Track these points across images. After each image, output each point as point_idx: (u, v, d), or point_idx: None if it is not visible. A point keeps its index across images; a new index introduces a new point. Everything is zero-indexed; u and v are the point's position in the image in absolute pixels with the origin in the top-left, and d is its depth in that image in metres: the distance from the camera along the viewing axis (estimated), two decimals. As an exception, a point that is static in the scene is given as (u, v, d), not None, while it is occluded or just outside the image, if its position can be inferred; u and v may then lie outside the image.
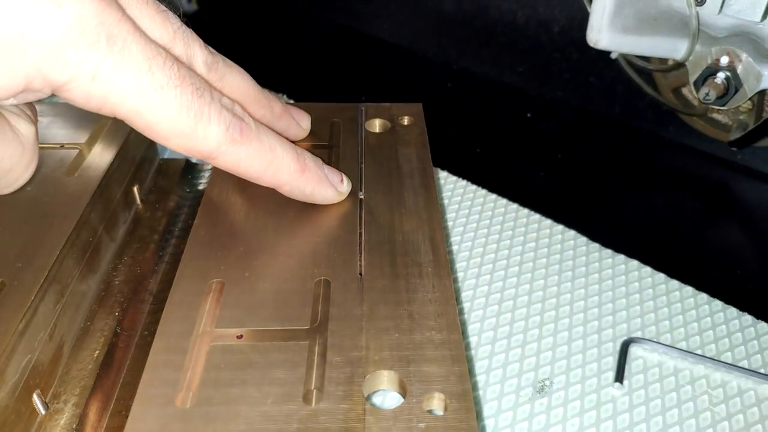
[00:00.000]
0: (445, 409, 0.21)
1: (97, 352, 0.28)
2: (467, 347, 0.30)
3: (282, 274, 0.26)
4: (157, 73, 0.22)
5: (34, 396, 0.25)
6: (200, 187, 0.38)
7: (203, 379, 0.22)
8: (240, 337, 0.23)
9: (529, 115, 0.54)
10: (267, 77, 0.53)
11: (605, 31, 0.38)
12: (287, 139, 0.28)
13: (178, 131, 0.23)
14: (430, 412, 0.21)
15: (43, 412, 0.25)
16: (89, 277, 0.30)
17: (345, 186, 0.29)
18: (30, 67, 0.19)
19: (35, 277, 0.26)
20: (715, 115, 0.44)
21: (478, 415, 0.27)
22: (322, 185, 0.28)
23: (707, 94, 0.38)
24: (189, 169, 0.40)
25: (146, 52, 0.21)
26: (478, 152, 0.50)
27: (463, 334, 0.31)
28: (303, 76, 0.60)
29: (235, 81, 0.28)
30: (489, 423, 0.27)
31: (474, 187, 0.42)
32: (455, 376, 0.22)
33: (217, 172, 0.32)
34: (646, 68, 0.43)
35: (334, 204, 0.30)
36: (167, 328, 0.24)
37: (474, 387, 0.28)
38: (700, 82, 0.39)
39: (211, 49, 0.27)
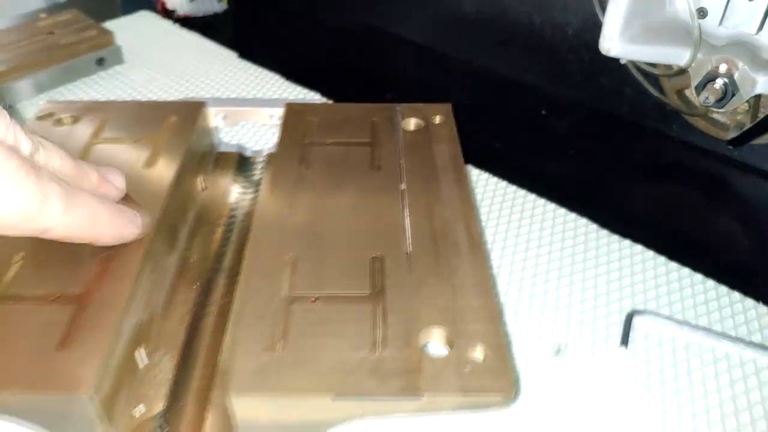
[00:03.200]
0: (485, 358, 0.26)
1: (183, 316, 0.33)
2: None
3: (342, 252, 0.31)
4: (6, 166, 0.25)
5: (140, 351, 0.30)
6: (254, 177, 0.43)
7: (290, 332, 0.27)
8: (314, 300, 0.28)
9: (543, 112, 0.59)
10: (297, 73, 0.58)
11: (616, 41, 0.42)
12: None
13: (23, 216, 0.26)
14: (472, 359, 0.26)
15: (146, 362, 0.30)
16: (171, 254, 0.35)
17: (140, 222, 0.31)
18: None
19: (136, 253, 0.31)
20: (715, 116, 0.49)
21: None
22: (130, 226, 0.31)
23: (707, 98, 0.42)
24: (242, 161, 0.44)
25: None
26: (497, 147, 0.55)
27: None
28: (330, 73, 0.64)
29: (57, 161, 0.30)
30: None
31: (495, 179, 0.46)
32: (492, 332, 0.27)
33: (271, 164, 0.37)
34: (653, 73, 0.47)
35: (380, 193, 0.35)
36: (255, 293, 0.29)
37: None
38: (700, 87, 0.43)
39: (33, 136, 0.28)
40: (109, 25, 0.63)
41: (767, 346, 0.35)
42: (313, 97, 0.55)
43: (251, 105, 0.44)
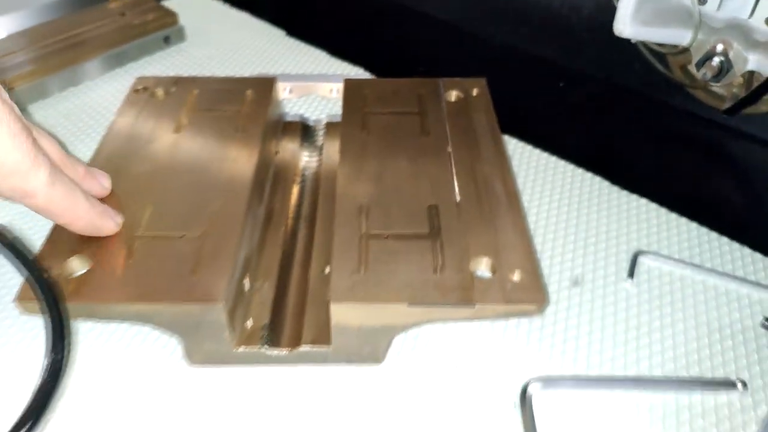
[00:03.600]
0: (521, 279, 0.34)
1: (275, 252, 0.41)
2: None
3: (405, 201, 0.39)
4: (11, 124, 0.30)
5: (246, 278, 0.38)
6: (317, 143, 0.51)
7: (370, 260, 0.35)
8: (386, 237, 0.36)
9: (561, 84, 0.66)
10: (341, 50, 0.65)
11: (629, 24, 0.49)
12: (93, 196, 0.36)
13: (14, 170, 0.31)
14: (512, 280, 0.34)
15: (250, 287, 0.38)
16: (260, 205, 0.43)
17: (119, 219, 0.36)
18: None
19: (240, 203, 0.38)
20: (714, 88, 0.56)
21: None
22: (107, 220, 0.36)
23: (705, 74, 0.50)
24: (305, 129, 0.52)
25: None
26: (520, 115, 0.62)
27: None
28: (370, 49, 0.71)
29: (48, 147, 0.34)
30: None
31: (522, 143, 0.54)
32: (527, 261, 0.35)
33: (338, 130, 0.45)
34: (659, 51, 0.54)
35: (431, 154, 0.42)
36: (341, 232, 0.36)
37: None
38: (700, 64, 0.50)
39: (28, 122, 0.33)
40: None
41: (748, 279, 0.42)
42: (357, 72, 0.63)
43: (314, 80, 0.51)
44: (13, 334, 0.38)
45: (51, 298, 0.30)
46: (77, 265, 0.34)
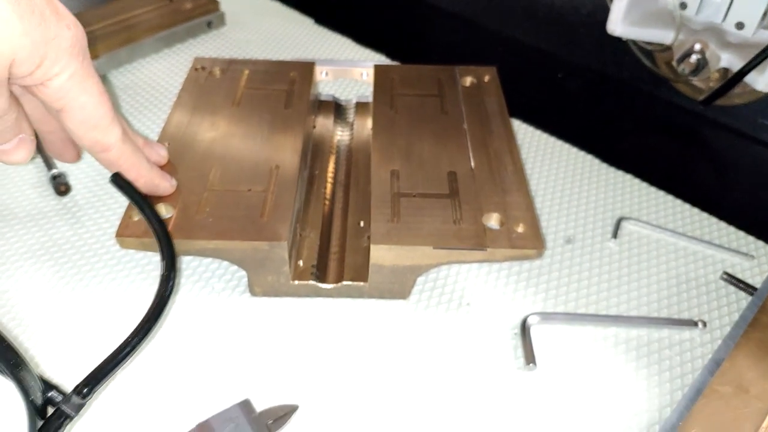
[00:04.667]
0: (524, 231, 0.42)
1: (317, 208, 0.49)
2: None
3: (428, 167, 0.46)
4: (98, 84, 0.35)
5: (297, 226, 0.46)
6: (349, 120, 0.59)
7: (401, 213, 0.43)
8: (414, 195, 0.44)
9: (559, 75, 0.74)
10: (365, 37, 0.72)
11: (620, 24, 0.57)
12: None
13: (97, 124, 0.36)
14: (517, 231, 0.42)
15: (300, 234, 0.46)
16: (305, 170, 0.50)
17: (174, 182, 0.43)
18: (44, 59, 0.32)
19: (294, 165, 0.46)
20: (695, 82, 0.64)
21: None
22: (164, 181, 0.42)
23: (684, 69, 0.58)
24: (338, 107, 0.60)
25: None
26: (523, 101, 0.70)
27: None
28: (390, 37, 0.78)
29: None
30: (539, 255, 0.48)
31: (525, 124, 0.62)
32: (529, 217, 0.43)
33: (371, 109, 0.52)
34: (647, 48, 0.62)
35: (449, 130, 0.50)
36: (377, 190, 0.44)
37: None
38: (680, 60, 0.58)
39: None
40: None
41: (713, 242, 0.51)
42: (380, 58, 0.70)
43: (348, 65, 0.59)
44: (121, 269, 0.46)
45: (165, 233, 0.38)
46: (163, 210, 0.42)
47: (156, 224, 0.38)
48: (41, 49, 0.32)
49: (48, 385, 0.33)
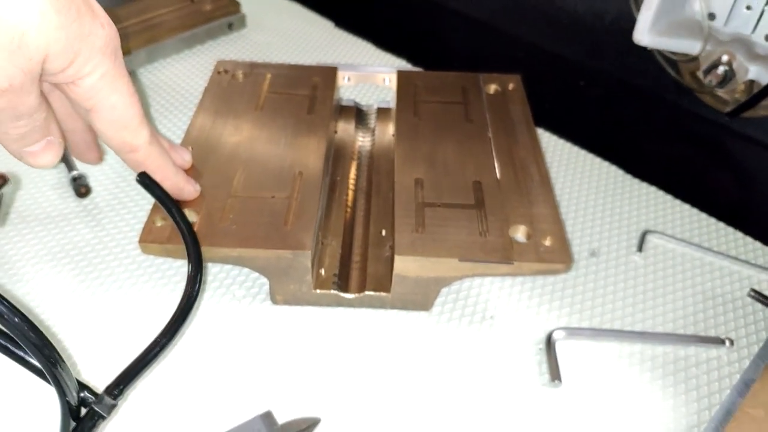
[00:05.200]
0: (552, 244, 0.41)
1: (339, 216, 0.49)
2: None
3: (453, 176, 0.46)
4: (129, 84, 0.35)
5: (319, 234, 0.45)
6: (370, 125, 0.58)
7: (426, 224, 0.42)
8: (439, 205, 0.44)
9: (582, 83, 0.73)
10: (378, 41, 0.72)
11: (647, 34, 0.56)
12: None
13: (126, 125, 0.36)
14: (545, 245, 0.41)
15: (322, 243, 0.46)
16: (327, 176, 0.50)
17: (198, 187, 0.42)
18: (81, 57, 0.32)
19: (317, 171, 0.46)
20: (719, 93, 0.63)
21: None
22: (189, 185, 0.42)
23: (711, 80, 0.57)
24: (360, 113, 0.59)
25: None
26: (545, 107, 0.69)
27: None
28: (410, 42, 0.78)
29: None
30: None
31: (548, 133, 0.61)
32: (557, 230, 0.42)
33: (394, 115, 0.52)
34: (672, 58, 0.62)
35: (474, 138, 0.50)
36: (401, 199, 0.44)
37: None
38: (707, 72, 0.57)
39: None
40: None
41: (739, 258, 0.50)
42: (401, 63, 0.70)
43: (370, 71, 0.58)
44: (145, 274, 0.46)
45: (192, 234, 0.38)
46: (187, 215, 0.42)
47: (183, 224, 0.38)
48: (75, 44, 0.32)
49: (81, 385, 0.33)
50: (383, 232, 0.47)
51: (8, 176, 0.39)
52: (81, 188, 0.50)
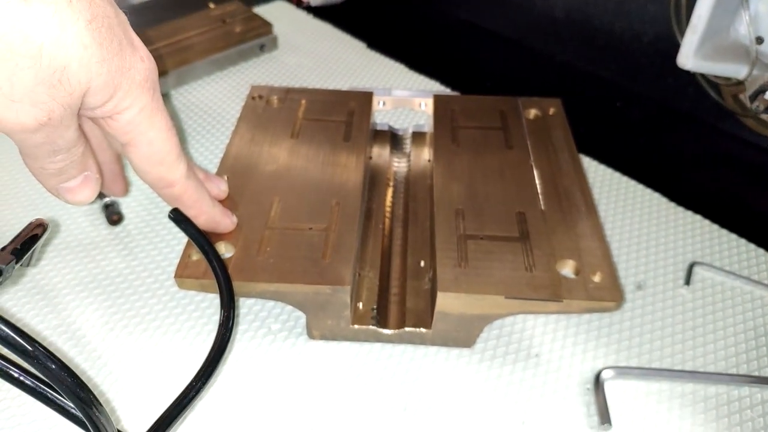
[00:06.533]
0: (602, 280, 0.40)
1: (376, 246, 0.47)
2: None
3: (495, 207, 0.44)
4: (167, 119, 0.35)
5: (356, 266, 0.44)
6: (405, 150, 0.57)
7: (469, 257, 0.41)
8: (481, 238, 0.42)
9: (618, 104, 0.71)
10: (410, 62, 0.71)
11: (691, 59, 0.55)
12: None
13: (163, 160, 0.36)
14: (594, 281, 0.40)
15: (359, 275, 0.44)
16: (363, 203, 0.49)
17: (235, 219, 0.42)
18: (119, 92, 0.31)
19: (355, 201, 0.44)
20: (762, 116, 0.61)
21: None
22: (226, 218, 0.41)
23: (758, 106, 0.55)
24: (394, 137, 0.58)
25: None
26: (581, 131, 0.67)
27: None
28: (443, 63, 0.77)
29: None
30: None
31: (588, 158, 0.60)
32: (606, 264, 0.40)
33: (432, 142, 0.51)
34: (715, 81, 0.60)
35: (516, 166, 0.48)
36: (442, 231, 0.42)
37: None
38: (753, 97, 0.56)
39: None
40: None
41: (792, 292, 0.48)
42: (434, 86, 0.69)
43: (406, 95, 0.57)
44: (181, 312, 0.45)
45: (225, 275, 0.37)
46: (223, 249, 0.41)
47: (216, 264, 0.37)
48: (116, 79, 0.31)
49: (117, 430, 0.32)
50: (422, 263, 0.46)
51: (47, 223, 0.38)
52: (113, 216, 0.49)
